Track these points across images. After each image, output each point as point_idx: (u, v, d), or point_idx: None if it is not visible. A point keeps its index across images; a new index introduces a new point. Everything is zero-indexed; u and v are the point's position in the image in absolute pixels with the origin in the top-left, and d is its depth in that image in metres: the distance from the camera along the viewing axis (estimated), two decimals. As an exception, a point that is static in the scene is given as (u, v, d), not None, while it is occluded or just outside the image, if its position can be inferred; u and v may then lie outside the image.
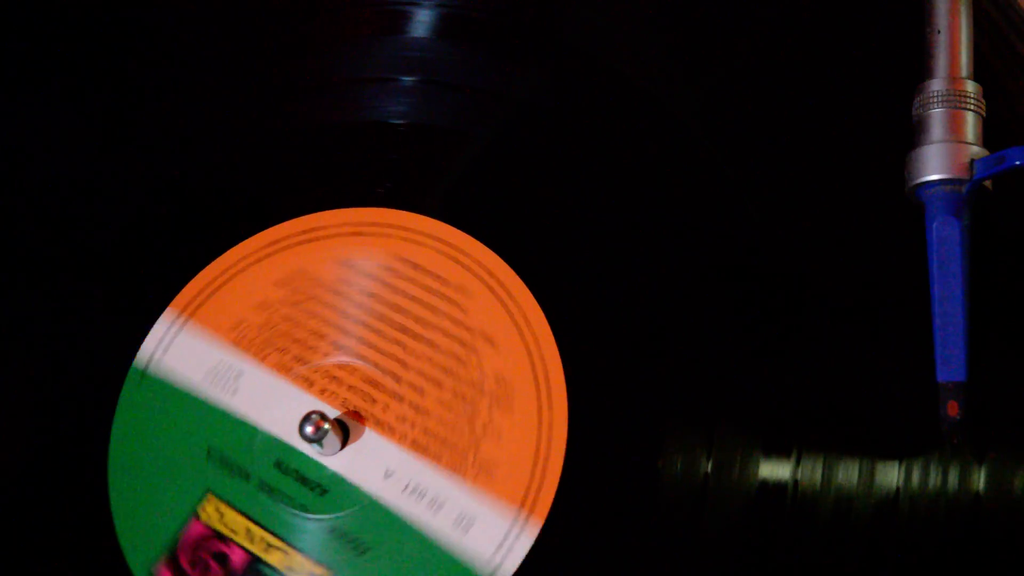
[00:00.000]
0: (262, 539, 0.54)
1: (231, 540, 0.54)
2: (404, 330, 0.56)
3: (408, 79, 0.61)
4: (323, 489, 0.54)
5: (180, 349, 0.57)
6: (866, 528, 0.51)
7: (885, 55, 0.58)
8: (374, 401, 0.55)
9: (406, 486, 0.53)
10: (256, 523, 0.54)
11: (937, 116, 0.54)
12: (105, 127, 0.62)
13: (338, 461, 0.54)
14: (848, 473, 0.52)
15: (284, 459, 0.55)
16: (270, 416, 0.55)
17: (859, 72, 0.58)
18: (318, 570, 0.53)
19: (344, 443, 0.54)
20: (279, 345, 0.56)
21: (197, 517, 0.54)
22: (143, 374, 0.57)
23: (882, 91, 0.57)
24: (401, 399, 0.55)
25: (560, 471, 0.53)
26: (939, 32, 0.55)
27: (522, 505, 0.53)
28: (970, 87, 0.54)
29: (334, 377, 0.56)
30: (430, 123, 0.60)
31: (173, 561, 0.54)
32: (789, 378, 0.53)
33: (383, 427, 0.55)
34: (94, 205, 0.60)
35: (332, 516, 0.53)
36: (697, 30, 0.60)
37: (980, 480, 0.51)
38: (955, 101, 0.53)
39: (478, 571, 0.52)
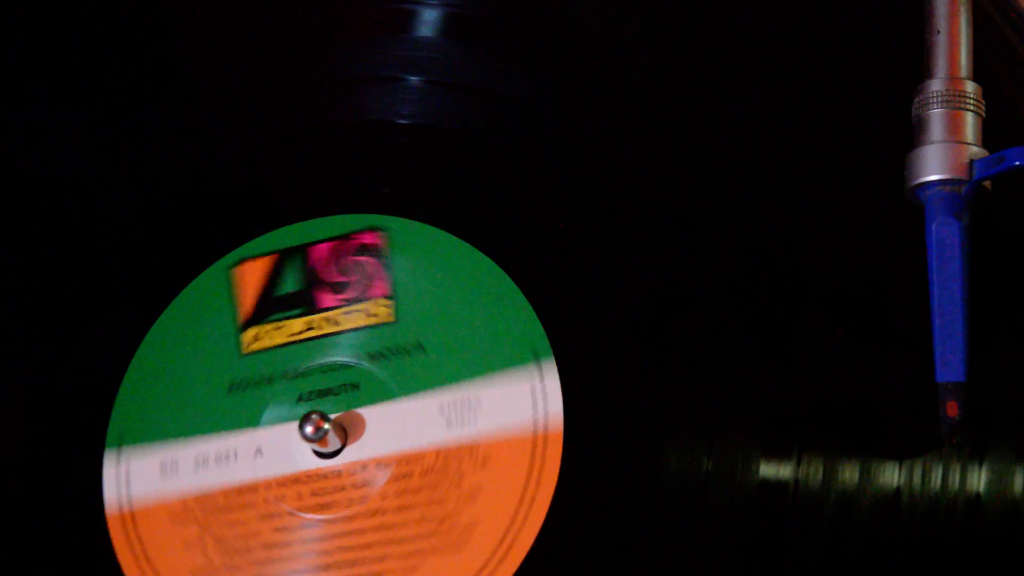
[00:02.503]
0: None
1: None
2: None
3: (413, 79, 0.61)
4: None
5: None
6: (866, 528, 0.51)
7: (885, 55, 0.58)
8: None
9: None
10: None
11: (936, 116, 0.54)
12: (105, 127, 0.62)
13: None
14: (848, 473, 0.52)
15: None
16: None
17: (859, 72, 0.58)
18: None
19: (341, 447, 0.54)
20: None
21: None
22: None
23: (881, 91, 0.57)
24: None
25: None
26: (939, 32, 0.55)
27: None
28: (970, 87, 0.54)
29: None
30: (435, 123, 0.60)
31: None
32: (789, 378, 0.53)
33: None
34: (94, 204, 0.60)
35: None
36: (697, 30, 0.60)
37: (980, 480, 0.51)
38: (955, 101, 0.53)
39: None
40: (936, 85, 0.54)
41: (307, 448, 0.54)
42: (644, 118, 0.58)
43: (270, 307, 0.57)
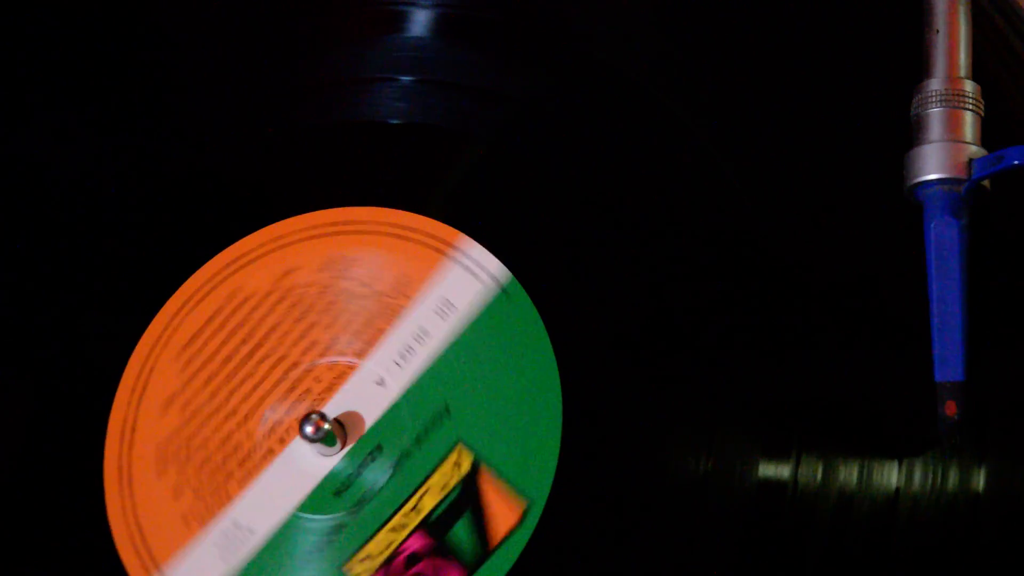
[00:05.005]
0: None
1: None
2: None
3: (406, 79, 0.61)
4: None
5: None
6: (866, 528, 0.51)
7: (884, 55, 0.58)
8: None
9: None
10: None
11: (936, 116, 0.54)
12: (102, 128, 0.62)
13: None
14: (848, 473, 0.52)
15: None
16: None
17: (858, 72, 0.58)
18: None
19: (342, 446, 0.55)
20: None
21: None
22: None
23: (881, 91, 0.57)
24: None
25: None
26: (938, 32, 0.55)
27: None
28: (968, 87, 0.54)
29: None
30: (428, 123, 0.60)
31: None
32: (789, 378, 0.53)
33: None
34: (95, 203, 0.60)
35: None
36: (697, 30, 0.60)
37: (980, 480, 0.51)
38: (954, 101, 0.53)
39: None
40: (935, 84, 0.54)
41: None
42: (642, 118, 0.59)
43: None
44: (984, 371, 0.51)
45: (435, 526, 0.53)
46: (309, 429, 0.53)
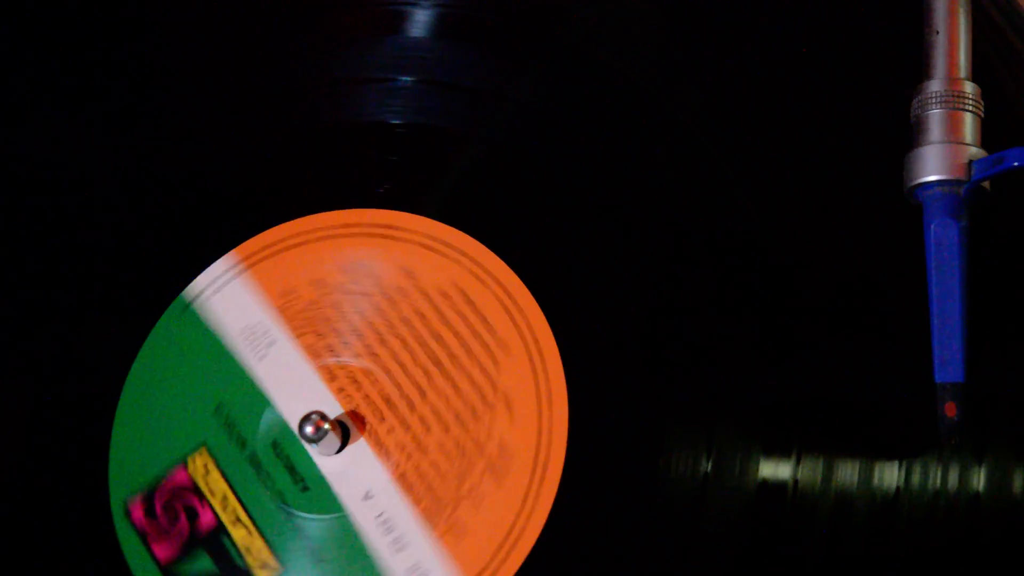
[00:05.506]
0: (234, 511, 0.54)
1: (207, 500, 0.54)
2: (436, 361, 0.55)
3: (406, 79, 0.61)
4: (305, 485, 0.54)
5: (228, 296, 0.57)
6: (866, 528, 0.51)
7: (884, 55, 0.58)
8: (382, 419, 0.55)
9: (380, 515, 0.53)
10: (235, 493, 0.54)
11: (935, 117, 0.54)
12: (101, 128, 0.62)
13: (329, 464, 0.54)
14: (848, 473, 0.52)
15: (282, 442, 0.55)
16: (285, 395, 0.55)
17: (858, 72, 0.58)
18: (272, 562, 0.53)
19: (342, 447, 0.54)
20: (318, 329, 0.56)
21: (184, 466, 0.55)
22: (187, 307, 0.57)
23: (881, 91, 0.57)
24: (408, 428, 0.54)
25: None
26: (938, 33, 0.55)
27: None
28: (968, 88, 0.54)
29: (355, 380, 0.55)
30: (428, 123, 0.60)
31: (148, 500, 0.54)
32: (789, 378, 0.53)
33: (381, 448, 0.54)
34: (95, 203, 0.61)
35: (304, 515, 0.53)
36: (697, 30, 0.60)
37: (980, 480, 0.51)
38: (953, 102, 0.53)
39: None
40: (935, 86, 0.54)
41: None
42: (642, 118, 0.58)
43: None
44: (984, 371, 0.51)
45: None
46: (309, 429, 0.53)
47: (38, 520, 0.55)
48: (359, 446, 0.54)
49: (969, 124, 0.53)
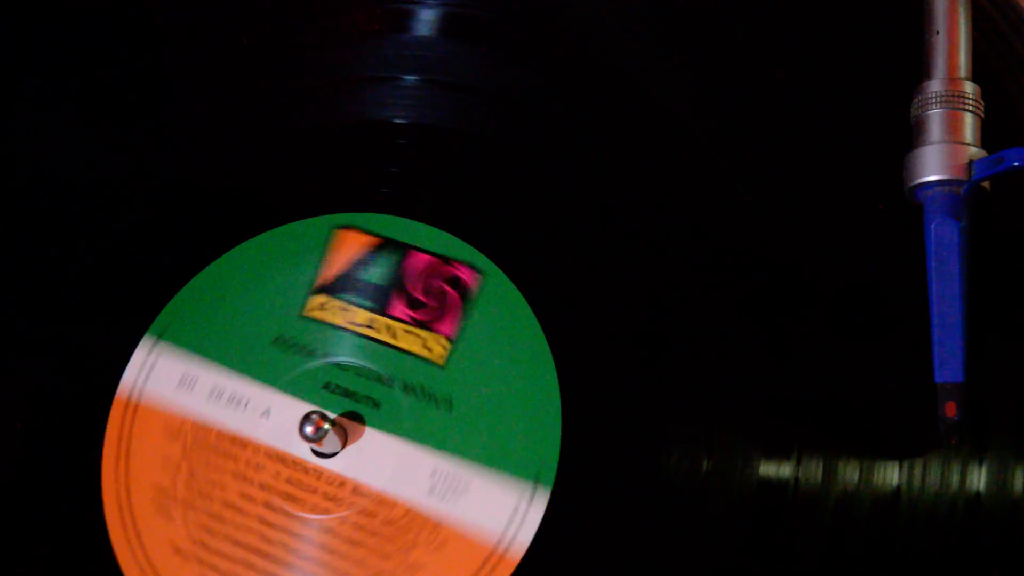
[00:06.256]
0: None
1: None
2: None
3: (410, 78, 0.61)
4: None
5: None
6: (866, 528, 0.51)
7: (884, 55, 0.58)
8: None
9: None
10: None
11: (935, 117, 0.54)
12: (101, 129, 0.62)
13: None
14: (848, 473, 0.52)
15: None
16: None
17: (858, 72, 0.58)
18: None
19: (344, 444, 0.55)
20: None
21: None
22: None
23: (881, 91, 0.57)
24: None
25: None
26: (938, 33, 0.55)
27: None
28: (968, 88, 0.54)
29: None
30: (432, 123, 0.60)
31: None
32: (789, 378, 0.53)
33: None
34: (94, 203, 0.61)
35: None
36: (697, 30, 0.60)
37: (980, 480, 0.52)
38: (953, 102, 0.53)
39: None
40: (935, 86, 0.54)
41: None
42: (642, 117, 0.58)
43: (348, 285, 0.56)
44: (984, 371, 0.51)
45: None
46: (309, 429, 0.53)
47: (38, 519, 0.55)
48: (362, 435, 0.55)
49: (969, 124, 0.53)
